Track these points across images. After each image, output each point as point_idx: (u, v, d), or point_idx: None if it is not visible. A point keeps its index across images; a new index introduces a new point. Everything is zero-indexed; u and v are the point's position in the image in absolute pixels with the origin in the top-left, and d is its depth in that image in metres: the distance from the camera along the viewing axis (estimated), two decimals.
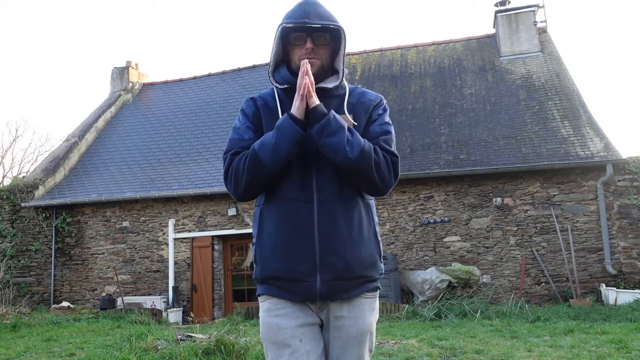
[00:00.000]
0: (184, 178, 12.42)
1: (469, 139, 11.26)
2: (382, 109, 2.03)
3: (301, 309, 1.88)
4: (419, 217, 10.82)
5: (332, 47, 1.97)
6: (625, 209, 9.98)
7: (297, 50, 1.94)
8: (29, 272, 12.88)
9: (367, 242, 1.90)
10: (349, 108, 1.97)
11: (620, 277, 9.76)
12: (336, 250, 1.83)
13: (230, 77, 15.92)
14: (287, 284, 1.85)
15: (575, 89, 11.94)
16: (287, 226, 1.85)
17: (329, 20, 1.90)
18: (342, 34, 1.93)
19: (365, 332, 1.91)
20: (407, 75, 13.90)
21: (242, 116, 2.01)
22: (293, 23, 1.88)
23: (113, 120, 15.70)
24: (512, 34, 13.70)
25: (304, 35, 1.91)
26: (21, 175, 25.07)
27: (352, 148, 1.79)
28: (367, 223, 1.92)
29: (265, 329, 1.90)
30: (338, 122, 1.81)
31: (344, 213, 1.86)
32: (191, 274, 11.89)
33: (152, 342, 5.74)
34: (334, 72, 2.00)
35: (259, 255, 1.92)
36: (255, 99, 2.03)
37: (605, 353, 5.26)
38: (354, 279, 1.87)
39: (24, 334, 8.08)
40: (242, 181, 1.85)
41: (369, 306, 1.95)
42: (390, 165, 1.90)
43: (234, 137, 1.96)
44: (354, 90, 2.04)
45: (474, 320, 8.01)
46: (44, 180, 13.18)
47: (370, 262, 1.91)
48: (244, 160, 1.85)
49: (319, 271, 1.82)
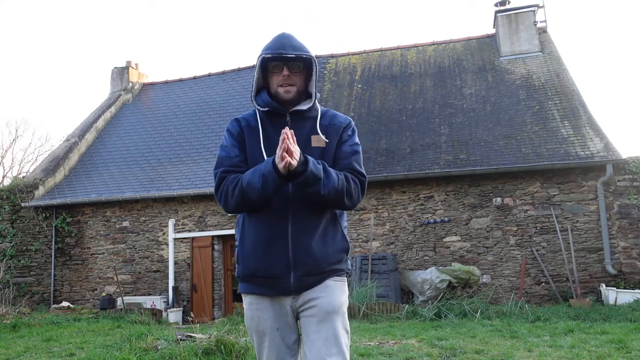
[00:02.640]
0: (184, 178, 12.42)
1: (469, 139, 11.26)
2: (351, 130, 2.32)
3: (277, 302, 2.19)
4: (419, 217, 10.82)
5: (305, 73, 2.26)
6: (625, 209, 9.98)
7: (275, 77, 2.24)
8: (29, 272, 12.88)
9: (332, 243, 2.20)
10: (322, 129, 2.26)
11: (620, 277, 9.76)
12: (306, 250, 2.13)
13: (230, 77, 15.92)
14: (265, 281, 2.16)
15: (575, 89, 11.93)
16: (265, 233, 2.15)
17: (302, 51, 2.20)
18: (313, 63, 2.23)
19: (337, 307, 2.16)
20: (407, 75, 13.90)
21: (228, 136, 2.31)
22: (271, 54, 2.19)
23: (113, 120, 15.70)
24: (512, 34, 13.70)
25: (280, 64, 2.21)
26: (21, 175, 25.09)
27: (328, 191, 2.07)
28: (332, 228, 2.22)
29: (249, 320, 2.26)
30: (315, 174, 2.04)
31: (313, 221, 2.16)
32: (191, 274, 11.89)
33: (152, 342, 5.73)
34: (308, 96, 2.28)
35: (240, 256, 2.23)
36: (239, 120, 2.33)
37: (605, 353, 5.25)
38: (322, 274, 2.17)
39: (23, 334, 8.08)
40: (230, 203, 2.16)
41: (339, 288, 2.22)
42: (359, 187, 2.20)
43: (222, 155, 2.27)
44: (326, 113, 2.33)
45: (474, 320, 8.00)
46: (44, 180, 13.18)
47: (337, 258, 2.21)
48: (232, 187, 2.14)
49: (293, 269, 2.13)
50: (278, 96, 2.23)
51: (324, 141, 2.23)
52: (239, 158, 2.23)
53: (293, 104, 2.25)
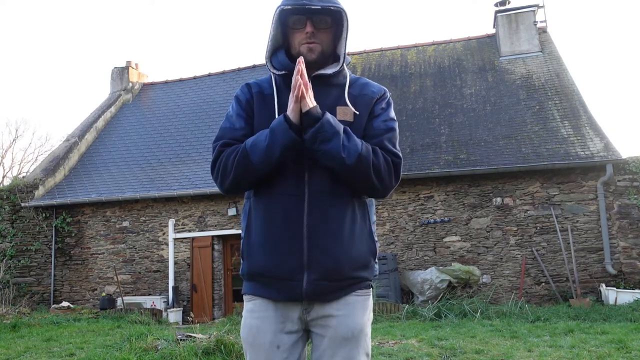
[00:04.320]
0: (184, 178, 12.42)
1: (469, 139, 11.26)
2: (385, 102, 1.91)
3: (284, 314, 1.79)
4: (419, 217, 10.81)
5: (333, 31, 1.87)
6: (625, 209, 9.98)
7: (296, 35, 1.84)
8: (29, 272, 12.88)
9: (359, 241, 1.79)
10: (351, 99, 1.85)
11: (620, 277, 9.76)
12: (325, 247, 1.73)
13: (230, 77, 15.92)
14: (273, 281, 1.76)
15: (575, 89, 11.93)
16: (276, 221, 1.75)
17: (330, 2, 1.80)
18: (344, 17, 1.84)
19: (357, 331, 1.78)
20: (407, 75, 13.90)
21: (235, 103, 1.92)
22: (292, 5, 1.78)
23: (113, 120, 15.70)
24: (512, 34, 13.70)
25: (303, 19, 1.81)
26: (21, 175, 25.08)
27: (348, 154, 1.69)
28: (360, 222, 1.81)
29: (246, 331, 1.83)
30: (333, 126, 1.70)
31: (336, 209, 1.75)
32: (191, 274, 11.89)
33: (152, 342, 5.73)
34: (336, 59, 1.89)
35: (246, 251, 1.83)
36: (251, 85, 1.92)
37: (605, 353, 5.25)
38: (343, 280, 1.76)
39: (23, 334, 8.08)
40: (229, 177, 1.78)
41: (362, 304, 1.81)
42: (391, 168, 1.79)
43: (225, 126, 1.88)
44: (356, 81, 1.92)
45: (474, 320, 8.00)
46: (44, 180, 13.18)
47: (362, 262, 1.80)
48: (233, 155, 1.76)
49: (307, 269, 1.72)
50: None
51: (352, 113, 1.82)
52: (243, 131, 1.84)
53: (317, 67, 1.84)
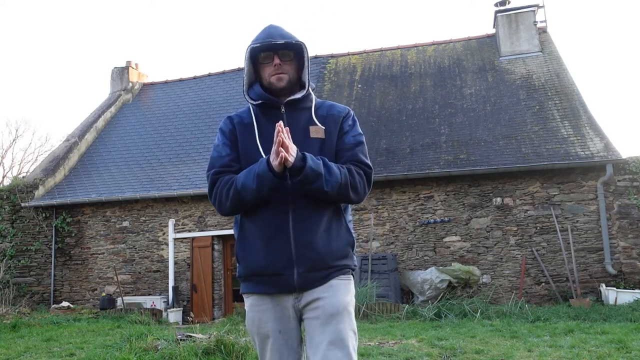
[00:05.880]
0: (184, 178, 12.42)
1: (469, 139, 11.26)
2: (351, 119, 2.23)
3: (279, 302, 2.09)
4: (419, 217, 10.81)
5: (297, 62, 2.19)
6: (625, 209, 9.98)
7: (266, 68, 2.16)
8: (29, 272, 12.88)
9: (337, 236, 2.10)
10: (320, 119, 2.17)
11: (620, 277, 9.76)
12: (309, 244, 2.04)
13: (230, 77, 15.91)
14: (267, 278, 2.07)
15: (575, 89, 11.93)
16: (266, 228, 2.06)
17: (291, 38, 2.14)
18: (304, 50, 2.15)
19: (341, 308, 2.05)
20: (407, 75, 13.90)
21: (220, 135, 2.22)
22: (260, 43, 2.12)
23: (113, 120, 15.70)
24: (512, 34, 13.70)
25: (271, 54, 2.14)
26: (21, 175, 25.08)
27: (332, 187, 2.00)
28: (337, 221, 2.12)
29: (250, 323, 2.16)
30: (315, 170, 1.96)
31: (315, 214, 2.06)
32: (191, 274, 11.89)
33: (152, 342, 5.73)
34: (302, 86, 2.21)
35: (241, 255, 2.14)
36: (232, 117, 2.24)
37: (605, 353, 5.25)
38: (327, 269, 2.07)
39: (23, 334, 8.08)
40: (225, 206, 2.10)
41: (344, 287, 2.11)
42: (364, 180, 2.12)
43: (214, 156, 2.18)
44: (322, 104, 2.24)
45: (474, 320, 8.00)
46: (44, 180, 13.18)
47: (342, 253, 2.11)
48: (226, 189, 2.06)
49: (296, 264, 2.03)
50: (271, 87, 2.15)
51: (323, 131, 2.14)
52: (230, 157, 2.14)
53: (287, 94, 2.17)
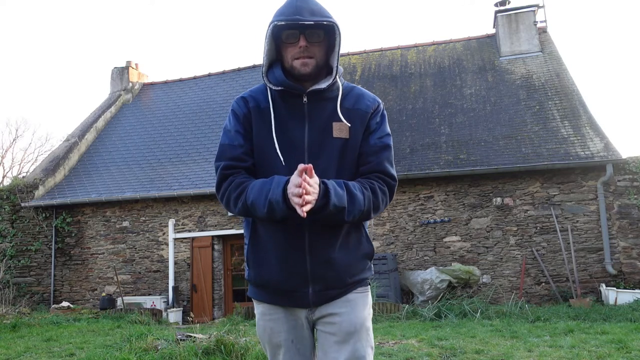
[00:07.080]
0: (184, 178, 12.42)
1: (469, 139, 11.26)
2: (380, 116, 1.94)
3: (292, 313, 1.94)
4: (419, 217, 10.81)
5: (326, 44, 1.88)
6: (625, 209, 9.98)
7: (290, 49, 1.85)
8: (29, 272, 12.87)
9: (356, 249, 1.92)
10: (345, 114, 1.88)
11: (620, 277, 9.76)
12: (327, 262, 1.85)
13: (230, 77, 15.92)
14: (280, 292, 1.91)
15: (575, 89, 11.93)
16: (279, 241, 1.86)
17: (322, 16, 1.81)
18: (336, 30, 1.84)
19: (359, 325, 1.90)
20: (407, 75, 13.90)
21: (233, 118, 1.94)
22: (285, 20, 1.79)
23: (113, 120, 15.69)
24: (512, 34, 13.70)
25: (296, 33, 1.83)
26: (21, 175, 25.08)
27: (353, 217, 1.79)
28: (356, 230, 1.92)
29: (261, 331, 2.00)
30: (338, 207, 1.73)
31: (333, 227, 1.85)
32: (191, 274, 11.89)
33: (152, 342, 5.73)
34: (329, 71, 1.90)
35: (252, 260, 1.94)
36: (247, 99, 1.94)
37: (605, 353, 5.25)
38: (344, 286, 1.91)
39: (23, 334, 8.07)
40: (232, 210, 1.87)
41: (362, 301, 1.94)
42: (387, 196, 1.90)
43: (224, 142, 1.92)
44: (350, 92, 1.94)
45: (474, 320, 8.00)
46: (44, 180, 13.18)
47: (360, 267, 1.94)
48: (235, 196, 1.82)
49: (311, 283, 1.87)
50: (294, 71, 1.86)
51: (347, 129, 1.87)
52: (243, 149, 1.88)
53: (312, 80, 1.88)
